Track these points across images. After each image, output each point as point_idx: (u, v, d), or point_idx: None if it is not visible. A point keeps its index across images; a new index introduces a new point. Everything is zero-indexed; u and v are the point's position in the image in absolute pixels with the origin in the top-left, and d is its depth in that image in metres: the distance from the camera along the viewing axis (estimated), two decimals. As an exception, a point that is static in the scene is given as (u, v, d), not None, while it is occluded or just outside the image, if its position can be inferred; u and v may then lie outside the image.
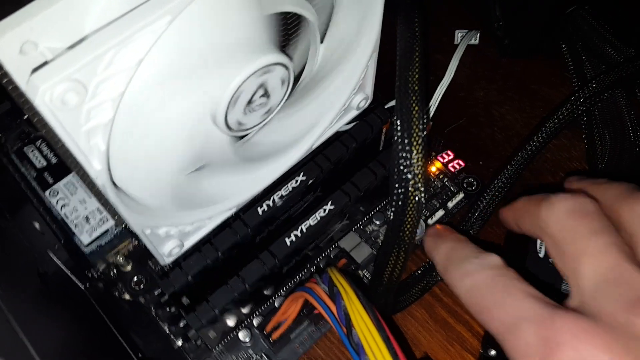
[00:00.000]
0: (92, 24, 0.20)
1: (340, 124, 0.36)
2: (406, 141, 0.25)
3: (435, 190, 0.40)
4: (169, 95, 0.23)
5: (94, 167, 0.22)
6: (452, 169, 0.41)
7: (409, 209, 0.26)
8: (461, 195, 0.40)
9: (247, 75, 0.24)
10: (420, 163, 0.25)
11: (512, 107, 0.45)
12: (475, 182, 0.40)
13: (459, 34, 0.46)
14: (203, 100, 0.24)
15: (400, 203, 0.26)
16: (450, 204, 0.39)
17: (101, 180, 0.23)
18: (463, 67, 0.43)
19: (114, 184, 0.24)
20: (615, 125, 0.41)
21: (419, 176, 0.25)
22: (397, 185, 0.25)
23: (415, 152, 0.25)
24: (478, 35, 0.46)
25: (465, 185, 0.40)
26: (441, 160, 0.41)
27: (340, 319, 0.27)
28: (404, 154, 0.25)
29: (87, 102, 0.20)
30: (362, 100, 0.35)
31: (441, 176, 0.40)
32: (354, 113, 0.36)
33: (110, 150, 0.22)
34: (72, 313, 0.30)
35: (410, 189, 0.25)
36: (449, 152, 0.41)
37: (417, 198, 0.25)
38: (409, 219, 0.26)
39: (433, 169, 0.41)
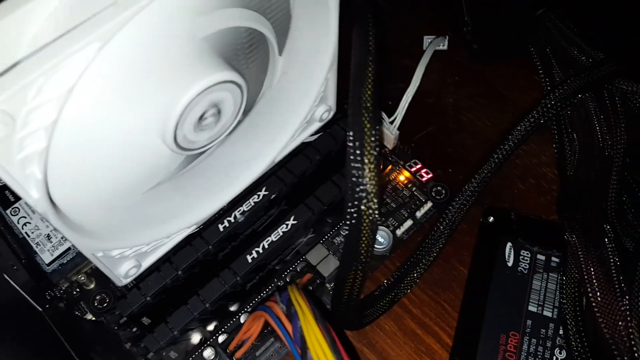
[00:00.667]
0: (25, 49, 0.20)
1: (303, 137, 0.35)
2: (358, 159, 0.24)
3: (404, 199, 0.39)
4: (109, 119, 0.22)
5: (32, 196, 0.21)
6: (421, 178, 0.40)
7: (363, 226, 0.25)
8: (430, 204, 0.39)
9: (193, 96, 0.24)
10: (373, 181, 0.24)
11: (481, 112, 0.44)
12: (444, 191, 0.40)
13: (427, 40, 0.45)
14: (146, 122, 0.24)
15: (354, 221, 0.25)
16: (418, 214, 0.39)
17: (41, 208, 0.22)
18: (431, 73, 0.43)
19: (56, 208, 0.23)
20: (584, 129, 0.40)
21: (372, 194, 0.24)
22: (350, 204, 0.25)
23: (367, 170, 0.24)
24: (447, 40, 0.46)
25: (434, 194, 0.40)
26: (409, 169, 0.41)
27: (296, 339, 0.26)
28: (356, 172, 0.24)
29: (17, 131, 0.19)
30: (324, 112, 0.35)
31: (410, 185, 0.40)
32: (317, 125, 0.35)
33: (48, 177, 0.21)
34: (27, 339, 0.30)
35: (363, 207, 0.25)
36: (417, 161, 0.41)
37: (370, 216, 0.25)
38: (364, 237, 0.26)
39: (402, 178, 0.40)
